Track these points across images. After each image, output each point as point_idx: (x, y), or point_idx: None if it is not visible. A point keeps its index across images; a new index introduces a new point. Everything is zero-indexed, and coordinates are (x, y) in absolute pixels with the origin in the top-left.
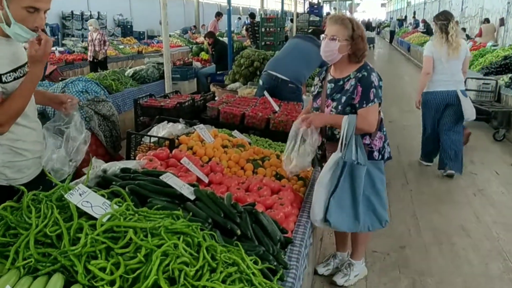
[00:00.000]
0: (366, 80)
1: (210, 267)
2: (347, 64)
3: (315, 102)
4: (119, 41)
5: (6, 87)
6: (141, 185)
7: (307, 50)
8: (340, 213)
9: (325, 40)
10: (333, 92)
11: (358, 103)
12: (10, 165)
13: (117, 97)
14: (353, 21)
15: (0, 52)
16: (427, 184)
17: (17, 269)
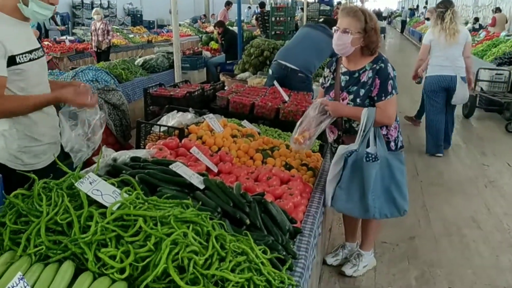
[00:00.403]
0: (384, 72)
1: (219, 256)
2: (361, 56)
3: (327, 95)
4: (129, 30)
5: (22, 68)
6: (151, 174)
7: (317, 40)
8: (347, 201)
9: (337, 33)
10: (349, 84)
11: (376, 96)
12: (26, 150)
13: (127, 86)
14: (365, 12)
15: (16, 34)
16: (437, 175)
17: (28, 256)
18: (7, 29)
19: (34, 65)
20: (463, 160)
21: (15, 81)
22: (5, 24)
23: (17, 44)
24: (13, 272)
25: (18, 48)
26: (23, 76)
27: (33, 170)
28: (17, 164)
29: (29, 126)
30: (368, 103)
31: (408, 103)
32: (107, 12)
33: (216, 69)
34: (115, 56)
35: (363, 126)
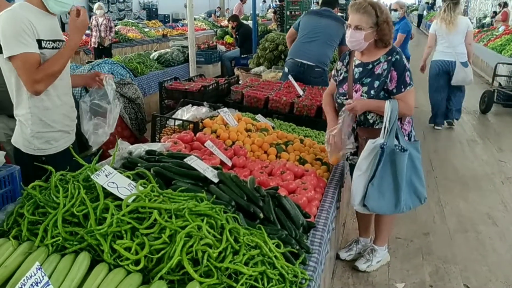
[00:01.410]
0: (400, 64)
1: (233, 249)
2: (374, 48)
3: (341, 88)
4: (144, 24)
5: (45, 53)
6: (166, 167)
7: (328, 29)
8: (379, 198)
9: (350, 30)
10: (362, 76)
11: (395, 88)
12: (38, 136)
13: (142, 80)
14: (375, 6)
15: (42, 22)
16: (453, 171)
17: (45, 246)
18: (35, 17)
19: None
20: (479, 155)
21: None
22: (32, 13)
23: (43, 30)
24: (31, 262)
25: (44, 34)
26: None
27: (44, 155)
28: (30, 148)
29: (44, 111)
30: (383, 95)
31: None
32: (123, 6)
33: (231, 63)
34: (131, 50)
35: (388, 118)
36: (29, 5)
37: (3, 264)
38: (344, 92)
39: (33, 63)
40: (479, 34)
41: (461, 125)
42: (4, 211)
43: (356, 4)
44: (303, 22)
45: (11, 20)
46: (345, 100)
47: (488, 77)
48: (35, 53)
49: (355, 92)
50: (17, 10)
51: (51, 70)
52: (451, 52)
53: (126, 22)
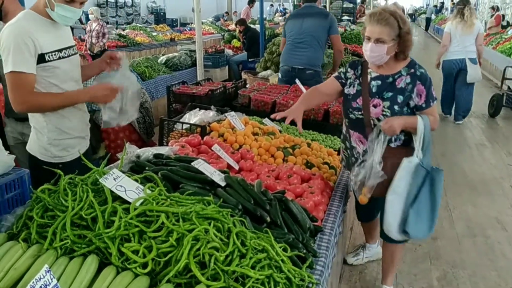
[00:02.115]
0: (426, 77)
1: (240, 253)
2: (394, 60)
3: (354, 102)
4: (152, 29)
5: (50, 65)
6: (173, 171)
7: (312, 32)
8: (418, 222)
9: (370, 43)
10: (382, 90)
11: (425, 103)
12: (56, 143)
13: (150, 84)
14: (398, 17)
15: (47, 33)
16: (461, 175)
17: (54, 249)
18: (38, 28)
19: (64, 63)
20: (488, 160)
21: (44, 77)
22: (37, 23)
23: (47, 42)
24: (40, 265)
25: (47, 46)
26: (52, 72)
27: (61, 162)
28: (47, 156)
29: (60, 119)
30: (406, 110)
31: None
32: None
33: (238, 67)
34: (139, 54)
35: (422, 135)
36: (34, 14)
37: (12, 266)
38: (359, 107)
39: (24, 83)
40: (487, 37)
41: (469, 129)
42: (14, 214)
43: (376, 15)
44: (287, 27)
45: (13, 36)
46: (360, 115)
47: (497, 80)
48: (29, 74)
49: (373, 107)
50: (20, 23)
51: (42, 103)
52: (461, 51)
53: (134, 26)
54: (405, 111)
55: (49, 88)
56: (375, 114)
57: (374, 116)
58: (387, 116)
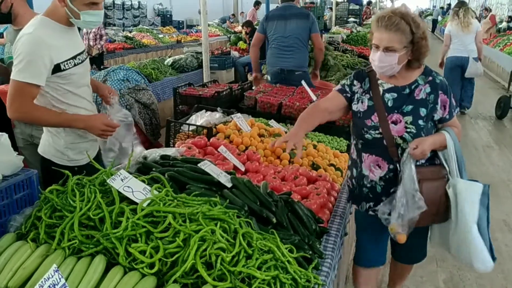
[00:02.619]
0: (445, 85)
1: (246, 254)
2: (406, 68)
3: (368, 120)
4: (158, 31)
5: (66, 73)
6: (180, 172)
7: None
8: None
9: (378, 52)
10: (400, 103)
11: (448, 114)
12: (72, 147)
13: (156, 85)
14: (410, 20)
15: (62, 41)
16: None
17: (62, 249)
18: (54, 37)
19: (78, 69)
20: (495, 162)
21: (60, 85)
22: (52, 31)
23: (63, 51)
24: (48, 264)
25: (63, 55)
26: (68, 79)
27: (77, 166)
28: (63, 159)
29: None
30: (431, 124)
31: None
32: (138, 12)
33: (244, 69)
34: (145, 56)
35: (454, 154)
36: (49, 22)
37: (21, 266)
38: (376, 125)
39: (26, 94)
40: (495, 39)
41: (476, 131)
42: (22, 214)
43: (384, 19)
44: (269, 28)
45: (29, 46)
46: (378, 134)
47: (504, 82)
48: (35, 85)
49: (393, 124)
50: (37, 34)
51: (37, 118)
52: (463, 49)
53: (141, 28)
54: (429, 126)
55: (65, 95)
56: (397, 132)
57: (397, 134)
58: (412, 133)
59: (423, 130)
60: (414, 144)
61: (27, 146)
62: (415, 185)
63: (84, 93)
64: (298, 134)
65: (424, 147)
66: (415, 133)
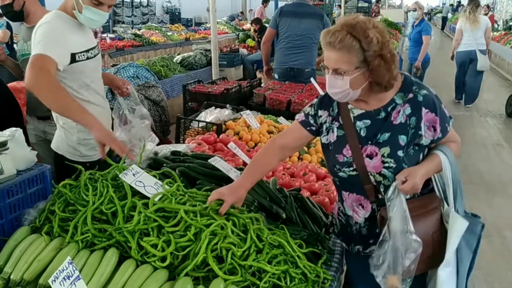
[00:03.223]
0: (431, 100)
1: (256, 248)
2: (377, 92)
3: (339, 155)
4: (167, 28)
5: (80, 65)
6: (191, 168)
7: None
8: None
9: (328, 75)
10: (374, 132)
11: (441, 133)
12: (85, 143)
13: (165, 83)
14: (359, 33)
15: (75, 34)
16: (477, 175)
17: (75, 242)
18: (68, 29)
19: (90, 63)
20: (505, 160)
21: (75, 78)
22: (66, 23)
23: (77, 43)
24: (62, 257)
25: (78, 47)
26: (82, 73)
27: (89, 161)
28: (75, 155)
29: None
30: (414, 151)
31: (447, 102)
32: (147, 10)
33: (253, 66)
34: (154, 53)
35: (451, 175)
36: (63, 15)
37: (36, 258)
38: (349, 161)
39: (46, 65)
40: (505, 36)
41: (486, 129)
42: (36, 208)
43: (329, 33)
44: (282, 25)
45: (49, 31)
46: (353, 171)
47: None
48: (55, 61)
49: (368, 158)
50: (56, 22)
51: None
52: (472, 43)
53: (150, 26)
54: (411, 153)
55: (81, 88)
56: (374, 168)
57: (374, 170)
58: (391, 168)
59: (404, 162)
60: (403, 176)
61: (39, 142)
62: (409, 226)
63: (97, 87)
64: (238, 190)
65: (416, 179)
66: (395, 167)
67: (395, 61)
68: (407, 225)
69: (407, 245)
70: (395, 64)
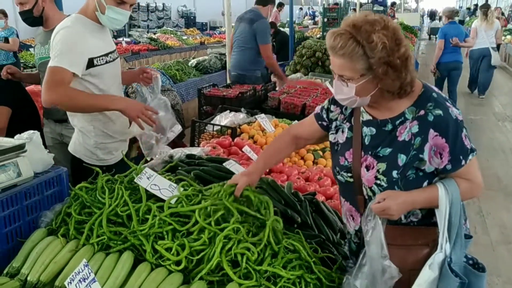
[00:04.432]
0: (445, 121)
1: (271, 251)
2: (389, 99)
3: (341, 157)
4: (182, 32)
5: (98, 70)
6: (206, 171)
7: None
8: None
9: (334, 80)
10: (377, 143)
11: (450, 164)
12: (102, 147)
13: (180, 86)
14: (363, 39)
15: (95, 37)
16: (495, 180)
17: (91, 245)
18: (88, 33)
19: (109, 67)
20: None
21: (93, 83)
22: (87, 27)
23: (96, 47)
24: (78, 259)
25: (96, 51)
26: (100, 77)
27: (106, 165)
28: (92, 159)
29: (106, 124)
30: (414, 176)
31: (464, 106)
32: (162, 14)
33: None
34: (169, 57)
35: (447, 215)
36: (83, 18)
37: (52, 260)
38: (348, 166)
39: (62, 78)
40: None
41: (504, 134)
42: (53, 211)
43: (332, 35)
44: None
45: (68, 37)
46: (350, 178)
47: None
48: (71, 72)
49: (365, 169)
50: (75, 27)
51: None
52: (485, 42)
53: (165, 30)
54: (411, 176)
55: (99, 93)
56: (367, 181)
57: (367, 183)
58: (381, 187)
59: (397, 185)
60: (382, 196)
61: (56, 145)
62: (384, 250)
63: (116, 92)
64: (251, 175)
65: (391, 203)
66: (385, 187)
67: (408, 66)
68: (382, 250)
69: (381, 272)
70: (408, 69)
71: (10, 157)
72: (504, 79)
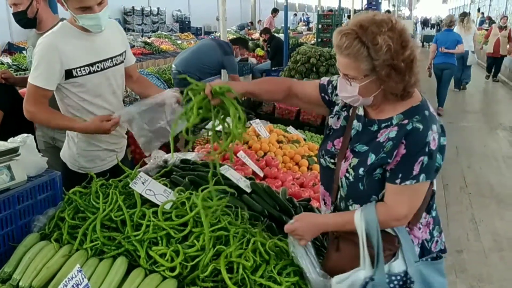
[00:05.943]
0: (417, 138)
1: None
2: (389, 101)
3: (330, 143)
4: (177, 37)
5: (78, 81)
6: (200, 176)
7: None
8: None
9: (339, 78)
10: (358, 139)
11: (391, 172)
12: (84, 154)
13: None
14: (368, 41)
15: (78, 46)
16: (488, 188)
17: (85, 250)
18: (70, 42)
19: (95, 77)
20: None
21: (74, 93)
22: (69, 36)
23: (77, 57)
24: (71, 265)
25: (77, 61)
26: (83, 87)
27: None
28: (75, 166)
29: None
30: (379, 176)
31: (456, 113)
32: (157, 18)
33: (262, 76)
34: (164, 61)
35: (364, 239)
36: (69, 27)
37: (45, 265)
38: (334, 152)
39: (39, 96)
40: None
41: (497, 142)
42: (46, 215)
43: (339, 34)
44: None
45: (44, 50)
46: (332, 164)
47: None
48: (46, 89)
49: (344, 160)
50: (52, 39)
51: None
52: (465, 45)
53: (160, 34)
54: (376, 177)
55: (81, 102)
56: (340, 172)
57: (340, 174)
58: (348, 181)
59: (361, 182)
60: (295, 218)
61: (48, 148)
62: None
63: (106, 102)
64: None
65: (298, 225)
66: (350, 182)
67: (413, 69)
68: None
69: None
70: (413, 72)
71: (3, 160)
72: (497, 87)
